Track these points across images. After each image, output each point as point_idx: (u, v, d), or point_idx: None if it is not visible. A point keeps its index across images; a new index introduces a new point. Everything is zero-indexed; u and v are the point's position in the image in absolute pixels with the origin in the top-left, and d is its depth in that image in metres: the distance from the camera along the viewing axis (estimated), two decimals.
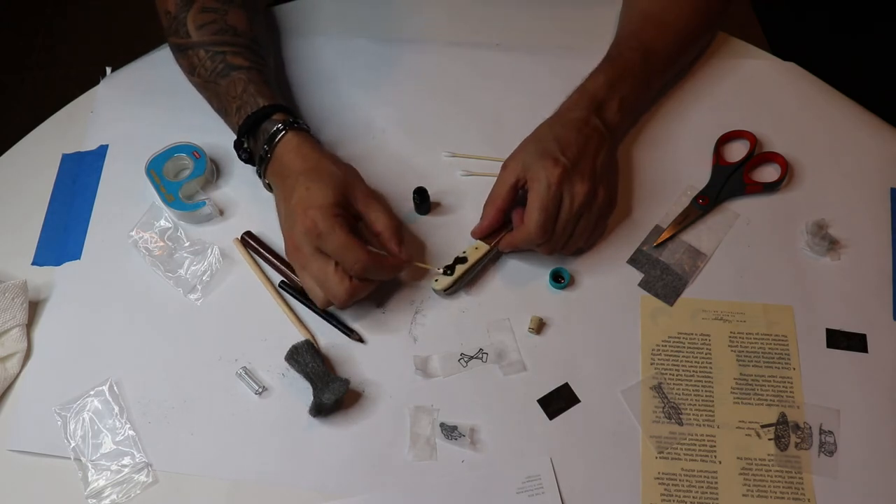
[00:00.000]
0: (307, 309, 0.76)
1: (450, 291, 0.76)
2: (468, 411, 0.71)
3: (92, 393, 0.73)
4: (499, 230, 0.77)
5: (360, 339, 0.74)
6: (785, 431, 0.70)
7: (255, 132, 0.76)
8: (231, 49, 0.79)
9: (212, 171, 0.83)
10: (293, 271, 0.77)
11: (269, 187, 0.78)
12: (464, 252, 0.76)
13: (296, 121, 0.76)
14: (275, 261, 0.78)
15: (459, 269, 0.75)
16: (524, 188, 0.75)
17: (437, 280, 0.76)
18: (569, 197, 0.73)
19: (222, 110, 0.80)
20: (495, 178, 0.82)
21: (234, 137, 0.78)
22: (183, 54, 0.81)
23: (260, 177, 0.78)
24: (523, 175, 0.74)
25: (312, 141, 0.76)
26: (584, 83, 0.80)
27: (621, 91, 0.80)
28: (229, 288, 0.78)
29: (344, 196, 0.72)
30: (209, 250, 0.79)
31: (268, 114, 0.75)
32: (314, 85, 0.89)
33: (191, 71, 0.81)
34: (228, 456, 0.70)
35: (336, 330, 0.75)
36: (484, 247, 0.76)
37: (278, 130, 0.74)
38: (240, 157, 0.79)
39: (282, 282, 0.77)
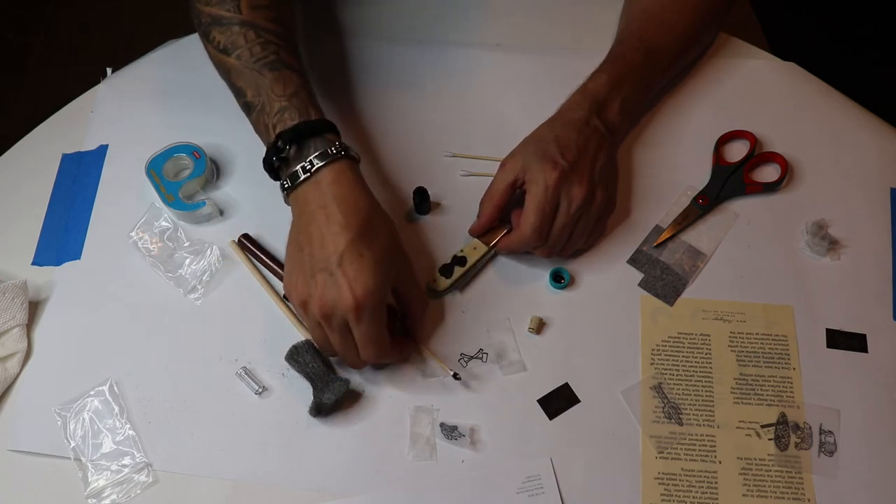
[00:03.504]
0: None
1: (446, 292, 0.76)
2: (468, 411, 0.71)
3: (92, 393, 0.73)
4: (496, 228, 0.76)
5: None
6: (785, 431, 0.70)
7: (302, 144, 0.69)
8: (284, 45, 0.73)
9: (212, 171, 0.83)
10: None
11: (287, 201, 0.72)
12: (461, 251, 0.76)
13: (349, 148, 0.69)
14: (272, 264, 0.78)
15: (458, 270, 0.75)
16: (522, 188, 0.75)
17: (434, 281, 0.76)
18: (566, 200, 0.73)
19: (256, 105, 0.72)
20: None
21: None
22: (223, 28, 0.73)
23: (283, 190, 0.70)
24: (522, 175, 0.74)
25: (362, 179, 0.69)
26: (585, 83, 0.80)
27: (623, 92, 0.79)
28: (229, 288, 0.78)
29: (394, 275, 0.68)
30: (209, 250, 0.79)
31: (320, 129, 0.69)
32: (314, 85, 0.89)
33: (228, 49, 0.73)
34: (228, 456, 0.70)
35: None
36: (482, 247, 0.76)
37: (331, 153, 0.67)
38: (268, 160, 0.70)
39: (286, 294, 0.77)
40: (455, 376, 0.72)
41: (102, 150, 0.86)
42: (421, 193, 0.79)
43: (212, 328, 0.76)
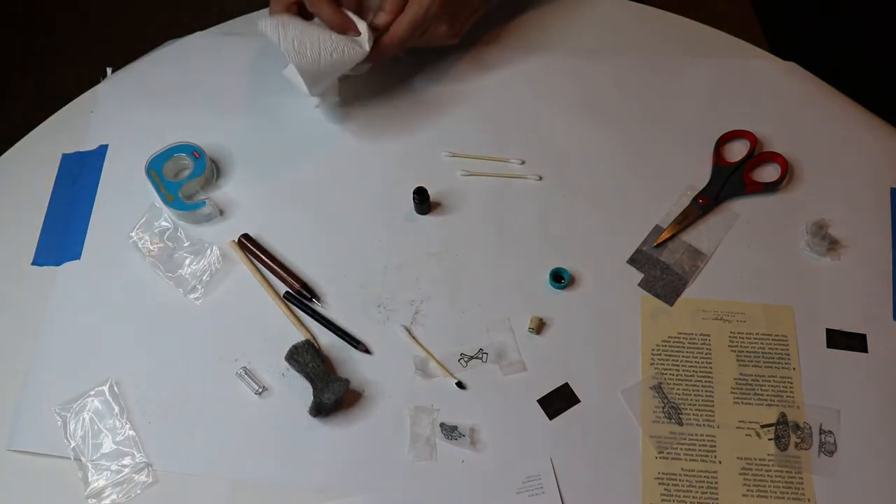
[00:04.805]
0: (307, 309, 0.76)
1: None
2: (468, 411, 0.72)
3: (92, 393, 0.73)
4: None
5: (367, 350, 0.74)
6: (785, 431, 0.70)
7: None
8: None
9: (212, 171, 0.83)
10: (290, 275, 0.77)
11: None
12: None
13: None
14: (272, 264, 0.78)
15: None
16: None
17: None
18: (433, 31, 0.82)
19: None
20: (495, 178, 0.82)
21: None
22: None
23: None
24: None
25: None
26: None
27: None
28: (229, 288, 0.78)
29: None
30: (209, 250, 0.79)
31: None
32: None
33: None
34: (228, 456, 0.70)
35: (338, 331, 0.75)
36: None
37: None
38: None
39: (287, 292, 0.77)
40: (459, 385, 0.72)
41: (102, 150, 0.86)
42: (421, 193, 0.79)
43: (212, 328, 0.76)
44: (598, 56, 0.84)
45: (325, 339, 0.75)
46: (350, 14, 0.78)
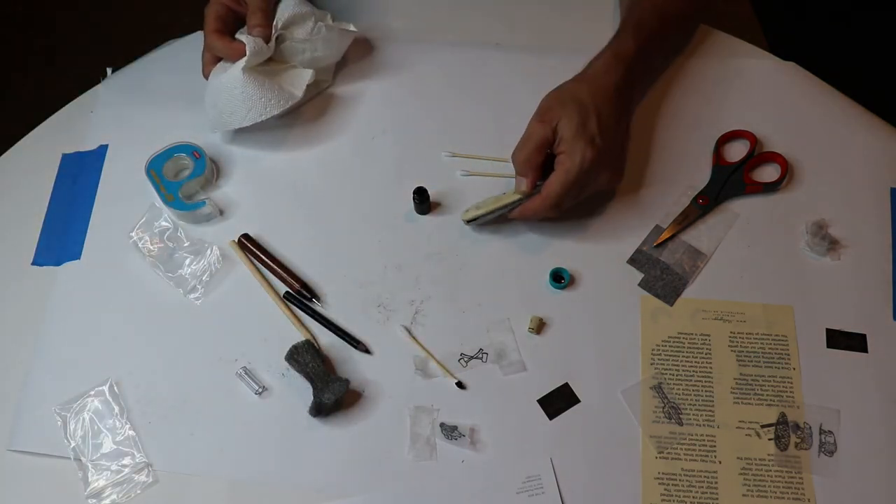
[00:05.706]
0: (307, 309, 0.76)
1: (474, 224, 0.78)
2: (468, 411, 0.72)
3: (92, 393, 0.73)
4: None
5: (367, 350, 0.74)
6: (785, 431, 0.70)
7: None
8: None
9: (212, 171, 0.83)
10: (290, 275, 0.77)
11: None
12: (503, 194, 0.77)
13: None
14: (272, 264, 0.78)
15: (487, 206, 0.76)
16: (553, 151, 0.74)
17: (466, 210, 0.77)
18: (593, 182, 0.75)
19: None
20: (495, 178, 0.82)
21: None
22: None
23: None
24: (554, 136, 0.74)
25: None
26: (614, 45, 0.80)
27: (648, 59, 0.80)
28: (229, 288, 0.78)
29: None
30: (209, 250, 0.79)
31: None
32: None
33: None
34: (228, 456, 0.70)
35: (338, 330, 0.75)
36: (515, 196, 0.76)
37: None
38: None
39: (287, 292, 0.77)
40: (459, 385, 0.72)
41: (102, 150, 0.86)
42: (421, 193, 0.79)
43: (212, 328, 0.76)
44: None
45: (325, 339, 0.75)
46: (249, 37, 0.79)
